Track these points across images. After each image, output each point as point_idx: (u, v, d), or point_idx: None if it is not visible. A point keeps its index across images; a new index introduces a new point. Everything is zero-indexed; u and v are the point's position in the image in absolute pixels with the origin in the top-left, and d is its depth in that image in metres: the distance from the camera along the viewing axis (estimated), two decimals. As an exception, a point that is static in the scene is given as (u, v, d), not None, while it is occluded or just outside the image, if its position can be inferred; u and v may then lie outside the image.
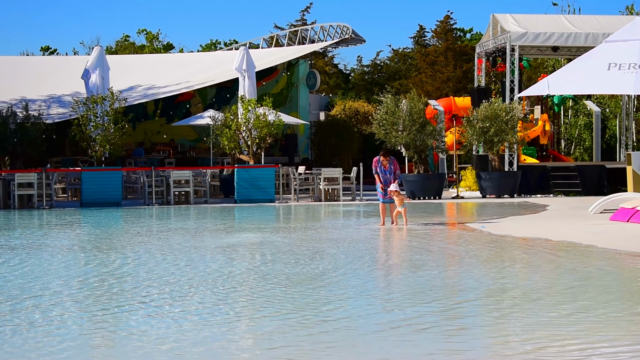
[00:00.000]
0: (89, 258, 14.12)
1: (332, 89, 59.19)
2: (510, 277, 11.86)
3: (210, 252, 14.70)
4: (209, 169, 30.05)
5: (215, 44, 66.39)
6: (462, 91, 48.09)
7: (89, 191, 26.79)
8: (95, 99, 28.28)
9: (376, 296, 10.73)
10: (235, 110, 29.62)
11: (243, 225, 20.93)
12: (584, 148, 40.21)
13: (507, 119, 29.09)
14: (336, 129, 40.06)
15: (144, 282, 11.62)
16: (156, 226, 20.49)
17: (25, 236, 17.93)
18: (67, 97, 34.22)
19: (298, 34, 42.10)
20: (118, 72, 32.30)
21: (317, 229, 19.15)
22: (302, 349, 7.91)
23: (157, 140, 40.68)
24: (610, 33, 26.08)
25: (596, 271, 12.36)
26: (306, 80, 40.84)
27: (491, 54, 33.73)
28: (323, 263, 13.18)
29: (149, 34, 64.15)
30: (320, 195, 28.46)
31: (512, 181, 29.62)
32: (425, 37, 63.90)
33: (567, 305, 9.73)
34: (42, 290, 10.98)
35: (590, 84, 22.73)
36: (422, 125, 29.31)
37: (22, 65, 41.45)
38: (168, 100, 39.19)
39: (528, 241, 16.40)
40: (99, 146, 28.12)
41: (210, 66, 39.17)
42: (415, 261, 13.68)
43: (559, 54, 34.40)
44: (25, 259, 13.95)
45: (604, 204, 21.42)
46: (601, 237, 16.41)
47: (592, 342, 8.03)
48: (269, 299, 10.26)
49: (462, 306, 9.91)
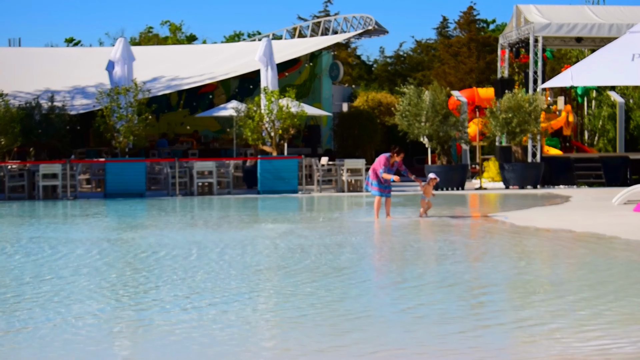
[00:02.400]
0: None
1: (354, 80, 59.15)
2: (533, 269, 11.87)
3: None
4: (232, 160, 30.13)
5: (239, 35, 66.48)
6: (485, 82, 47.97)
7: (113, 182, 26.92)
8: (119, 90, 28.40)
9: (399, 287, 10.76)
10: (258, 102, 29.68)
11: (273, 215, 21.01)
12: (608, 139, 40.01)
13: (530, 110, 29.02)
14: (359, 120, 40.04)
15: (172, 273, 11.72)
16: (180, 218, 20.61)
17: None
18: (91, 88, 34.38)
19: (321, 25, 42.09)
20: (142, 64, 32.39)
21: (342, 219, 19.20)
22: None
23: (180, 131, 40.80)
24: (634, 23, 25.94)
25: (620, 262, 12.35)
26: (329, 71, 40.83)
27: (514, 44, 33.64)
28: (342, 254, 13.25)
29: (172, 26, 64.33)
30: (343, 187, 28.50)
31: (535, 172, 29.56)
32: (448, 28, 63.74)
33: (588, 297, 9.74)
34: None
35: (614, 75, 22.62)
36: (445, 116, 29.27)
37: (47, 56, 41.62)
38: (191, 91, 39.29)
39: (551, 232, 16.39)
40: (122, 137, 28.25)
41: (233, 57, 39.23)
42: (438, 252, 13.71)
43: (583, 44, 34.27)
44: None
45: (628, 195, 21.35)
46: (625, 228, 16.38)
47: (616, 333, 8.05)
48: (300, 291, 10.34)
49: (484, 297, 9.94)
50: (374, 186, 18.86)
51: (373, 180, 18.81)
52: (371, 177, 18.85)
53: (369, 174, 18.95)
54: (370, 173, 18.92)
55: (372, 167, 18.95)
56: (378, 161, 18.73)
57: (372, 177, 18.84)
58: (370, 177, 18.88)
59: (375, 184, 18.83)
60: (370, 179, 18.88)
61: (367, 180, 19.19)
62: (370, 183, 18.93)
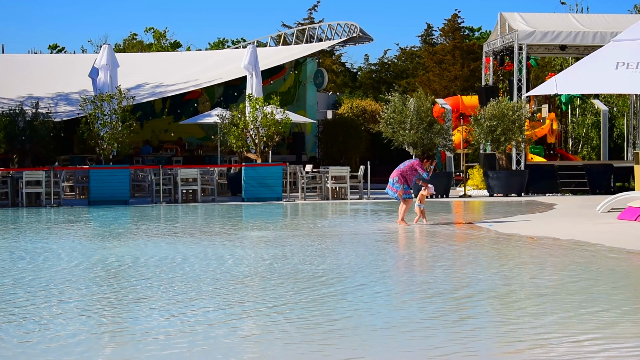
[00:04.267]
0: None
1: (339, 87, 59.22)
2: (517, 276, 11.87)
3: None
4: (216, 167, 30.07)
5: (223, 42, 66.48)
6: (470, 90, 48.09)
7: (97, 189, 26.82)
8: (103, 97, 28.33)
9: (385, 295, 10.73)
10: (242, 109, 29.65)
11: (255, 223, 20.96)
12: (592, 147, 40.19)
13: (514, 117, 29.08)
14: (344, 128, 40.10)
15: (155, 280, 11.66)
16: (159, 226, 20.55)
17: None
18: (74, 95, 34.30)
19: (306, 33, 42.13)
20: (126, 70, 32.34)
21: (332, 226, 19.17)
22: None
23: (164, 138, 40.75)
24: (618, 32, 26.02)
25: (604, 270, 12.36)
26: (314, 78, 40.87)
27: (499, 52, 33.72)
28: (335, 260, 13.22)
29: (156, 32, 64.26)
30: (328, 194, 28.48)
31: (519, 180, 29.62)
32: (432, 36, 63.92)
33: (574, 304, 9.74)
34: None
35: (598, 83, 22.67)
36: (430, 124, 29.30)
37: (30, 63, 41.53)
38: (176, 98, 39.25)
39: (535, 240, 16.40)
40: (106, 144, 28.17)
41: (218, 64, 39.22)
42: (423, 260, 13.69)
43: (567, 52, 34.39)
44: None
45: (612, 203, 21.41)
46: (609, 236, 16.41)
47: (598, 339, 8.05)
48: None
49: (468, 305, 9.92)
50: (407, 190, 19.21)
51: (404, 185, 19.12)
52: (400, 182, 19.14)
53: (396, 180, 19.13)
54: (397, 179, 19.12)
55: (400, 173, 19.19)
56: (409, 167, 19.16)
57: (401, 182, 19.15)
58: (399, 182, 19.13)
59: (407, 188, 19.18)
60: (401, 184, 19.12)
61: (391, 184, 19.30)
62: (404, 189, 19.20)
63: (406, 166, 19.21)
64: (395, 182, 19.18)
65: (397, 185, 19.14)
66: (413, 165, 19.14)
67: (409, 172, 19.16)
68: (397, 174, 19.20)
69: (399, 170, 19.24)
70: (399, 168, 19.29)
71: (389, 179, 19.41)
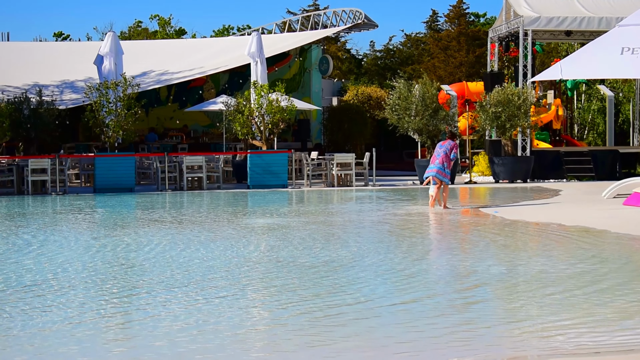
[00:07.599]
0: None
1: (344, 74, 59.12)
2: (523, 262, 11.86)
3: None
4: (221, 154, 30.04)
5: (228, 29, 66.36)
6: (475, 76, 48.01)
7: (102, 177, 26.81)
8: (108, 85, 28.30)
9: (390, 281, 10.73)
10: (248, 96, 29.62)
11: (261, 211, 20.98)
12: (597, 132, 40.09)
13: (519, 103, 29.02)
14: (349, 114, 40.03)
15: (168, 268, 11.69)
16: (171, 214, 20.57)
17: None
18: (80, 82, 34.27)
19: (310, 19, 42.04)
20: (131, 58, 32.29)
21: (339, 213, 19.18)
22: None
23: (170, 125, 40.73)
24: (623, 17, 25.94)
25: (610, 255, 12.36)
26: (319, 65, 40.80)
27: (504, 38, 33.62)
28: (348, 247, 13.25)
29: (161, 20, 64.13)
30: (333, 181, 28.46)
31: (525, 166, 29.59)
32: (438, 22, 63.77)
33: (579, 290, 9.74)
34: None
35: (603, 69, 22.61)
36: (435, 110, 29.27)
37: (35, 51, 41.48)
38: (181, 85, 39.21)
39: (541, 226, 16.40)
40: (112, 132, 28.15)
41: (222, 51, 39.16)
42: (428, 246, 13.70)
43: (572, 38, 34.25)
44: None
45: (617, 189, 21.38)
46: (614, 222, 16.40)
47: (605, 328, 8.06)
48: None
49: (474, 291, 9.93)
50: (447, 174, 19.22)
51: (447, 169, 19.16)
52: (449, 166, 19.22)
53: (446, 165, 19.11)
54: (447, 164, 19.12)
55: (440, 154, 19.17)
56: (451, 148, 19.20)
57: (449, 167, 19.23)
58: (449, 167, 19.21)
59: (447, 172, 19.28)
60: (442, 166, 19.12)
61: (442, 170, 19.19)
62: (445, 172, 19.16)
63: (449, 149, 19.18)
64: (446, 167, 19.12)
65: (447, 170, 19.14)
66: (453, 147, 19.21)
67: (447, 153, 19.26)
68: (444, 159, 19.11)
69: (444, 154, 19.14)
70: (442, 153, 19.14)
71: (434, 164, 19.21)
